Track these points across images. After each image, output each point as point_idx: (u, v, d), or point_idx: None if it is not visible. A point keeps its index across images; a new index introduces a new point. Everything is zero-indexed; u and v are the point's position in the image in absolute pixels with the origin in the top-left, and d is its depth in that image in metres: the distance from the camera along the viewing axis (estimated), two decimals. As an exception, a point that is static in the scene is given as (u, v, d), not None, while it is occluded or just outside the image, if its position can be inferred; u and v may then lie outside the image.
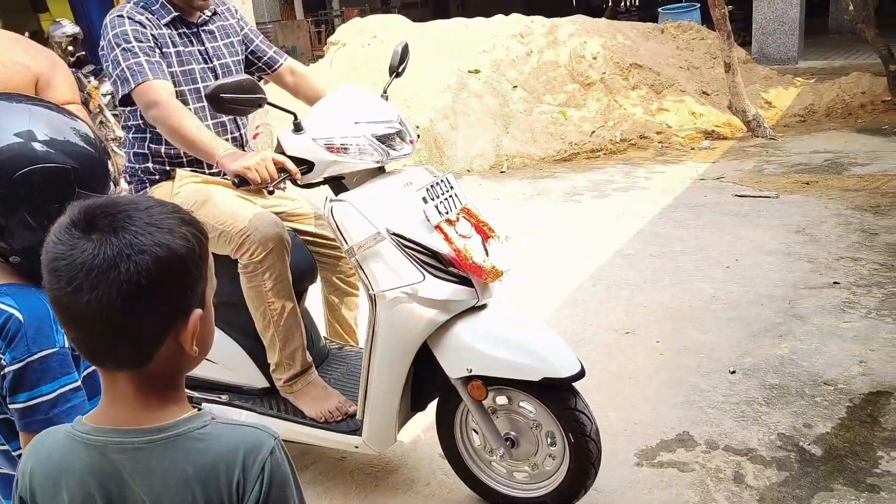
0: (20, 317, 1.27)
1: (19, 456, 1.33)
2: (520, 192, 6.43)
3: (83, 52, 8.23)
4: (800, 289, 4.00)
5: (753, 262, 4.40)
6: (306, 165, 2.20)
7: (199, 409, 1.05)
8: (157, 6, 2.49)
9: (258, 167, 2.10)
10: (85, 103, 8.49)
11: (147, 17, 2.45)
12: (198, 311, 1.00)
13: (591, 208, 5.81)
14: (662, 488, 2.54)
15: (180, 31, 2.53)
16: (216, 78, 2.56)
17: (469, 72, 8.35)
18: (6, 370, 1.26)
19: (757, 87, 8.85)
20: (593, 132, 7.64)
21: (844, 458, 2.62)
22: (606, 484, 2.56)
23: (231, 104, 2.01)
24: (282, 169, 2.15)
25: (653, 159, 7.16)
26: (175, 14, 2.50)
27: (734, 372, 3.23)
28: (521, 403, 2.31)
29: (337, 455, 2.84)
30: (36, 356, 1.27)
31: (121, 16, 2.41)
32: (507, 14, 9.60)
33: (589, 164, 7.19)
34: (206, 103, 2.46)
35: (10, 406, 1.28)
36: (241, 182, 2.12)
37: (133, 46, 2.36)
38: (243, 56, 2.73)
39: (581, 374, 2.18)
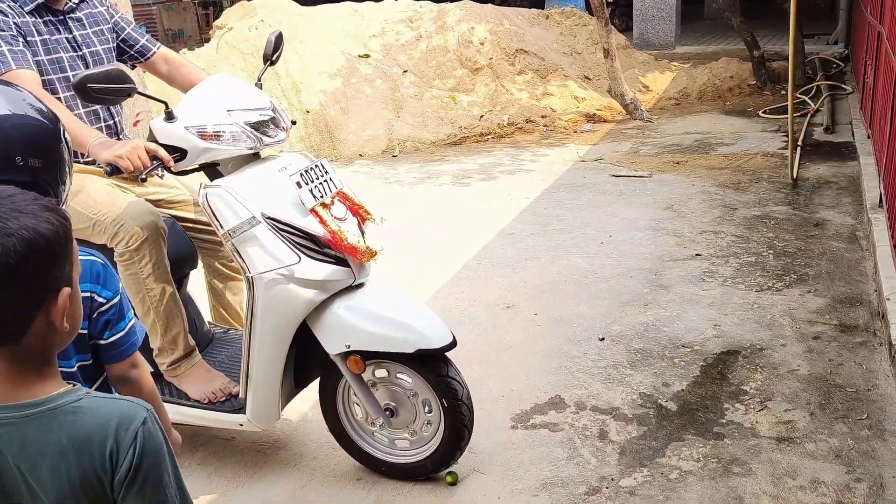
0: (98, 259, 1.47)
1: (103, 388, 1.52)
2: (411, 176, 6.56)
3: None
4: (665, 261, 4.31)
5: (626, 238, 4.70)
6: (179, 153, 2.25)
7: (74, 385, 1.11)
8: (21, -7, 2.45)
9: (130, 155, 2.13)
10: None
11: (9, 5, 2.41)
12: (66, 290, 1.07)
13: (478, 191, 6.01)
14: (534, 447, 2.75)
15: (45, 18, 2.50)
16: (86, 66, 2.55)
17: (359, 56, 8.39)
18: (108, 304, 1.47)
19: (636, 71, 9.29)
20: (482, 116, 7.85)
21: (696, 412, 2.90)
22: (483, 447, 2.74)
23: (99, 94, 2.03)
24: (154, 157, 2.19)
25: (538, 142, 7.44)
26: (40, 1, 2.47)
27: (603, 339, 3.48)
28: (398, 375, 2.46)
29: (227, 436, 2.90)
30: (120, 289, 1.51)
31: None
32: (397, -1, 9.68)
33: (478, 148, 7.40)
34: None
35: (109, 339, 1.49)
36: (114, 170, 2.15)
37: (-6, 35, 2.32)
38: (114, 44, 2.71)
39: (453, 345, 2.33)
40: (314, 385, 2.67)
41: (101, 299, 1.47)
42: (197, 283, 2.99)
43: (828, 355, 3.21)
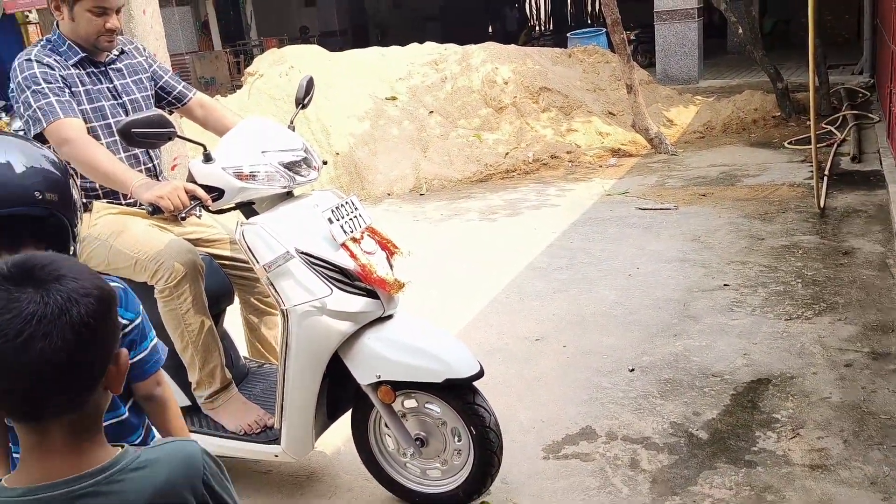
0: (119, 284, 1.55)
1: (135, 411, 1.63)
2: (438, 213, 6.66)
3: (-8, 90, 8.10)
4: (694, 292, 4.32)
5: (653, 270, 4.72)
6: (217, 192, 2.35)
7: (122, 445, 1.10)
8: (65, 48, 2.60)
9: (170, 195, 2.24)
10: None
11: (55, 59, 2.56)
12: (124, 351, 1.07)
13: (505, 226, 6.08)
14: (566, 477, 2.76)
15: (88, 70, 2.64)
16: (126, 113, 2.68)
17: (386, 99, 8.58)
18: (132, 325, 1.58)
19: (659, 106, 9.36)
20: (507, 154, 7.96)
21: (727, 440, 2.90)
22: (515, 477, 2.76)
23: (142, 138, 2.15)
24: (193, 196, 2.30)
25: (563, 178, 7.51)
26: (82, 55, 2.62)
27: (633, 370, 3.49)
28: (427, 405, 2.50)
29: (263, 469, 2.96)
30: (141, 311, 1.61)
31: (29, 59, 2.52)
32: (422, 43, 9.91)
33: (504, 184, 7.49)
34: (117, 137, 2.60)
35: (133, 358, 1.57)
36: (155, 210, 2.25)
37: (43, 88, 2.47)
38: (153, 91, 2.85)
39: (480, 374, 2.38)
40: (346, 418, 2.73)
41: (124, 321, 1.56)
42: (233, 318, 3.08)
43: (860, 383, 3.18)
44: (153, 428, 1.71)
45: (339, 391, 2.59)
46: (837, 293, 4.08)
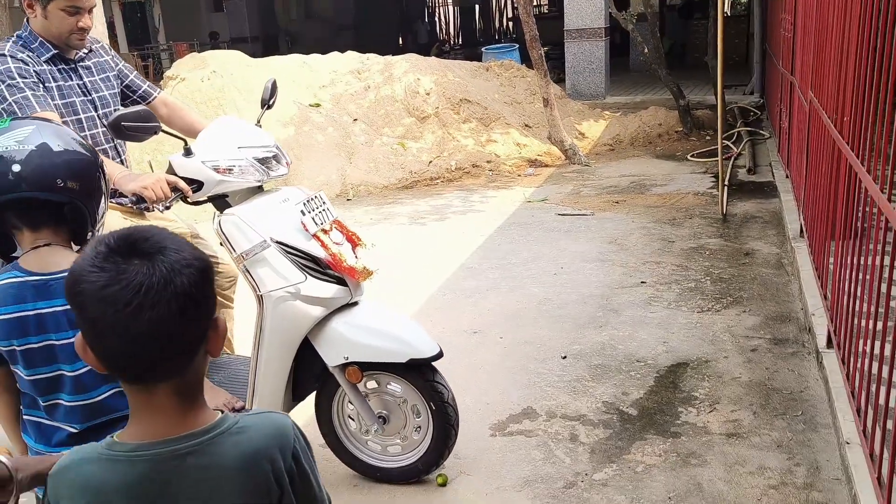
0: None
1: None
2: (368, 217, 6.84)
3: None
4: (614, 289, 4.68)
5: (576, 269, 5.06)
6: (196, 185, 2.49)
7: (222, 412, 1.17)
8: (37, 45, 2.67)
9: (154, 186, 2.36)
10: None
11: (28, 55, 2.63)
12: (222, 317, 1.13)
13: (434, 230, 6.33)
14: (513, 451, 3.01)
15: (59, 66, 2.72)
16: (96, 110, 2.77)
17: (310, 105, 8.69)
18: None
19: (571, 119, 9.86)
20: (431, 162, 8.22)
21: (654, 415, 3.23)
22: (467, 453, 2.99)
23: (132, 132, 2.27)
24: (174, 188, 2.43)
25: (485, 185, 7.83)
26: (54, 52, 2.70)
27: (565, 357, 3.79)
28: (389, 385, 2.71)
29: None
30: None
31: (3, 55, 2.58)
32: (341, 52, 10.07)
33: (429, 191, 7.74)
34: (87, 132, 2.70)
35: None
36: (139, 200, 2.37)
37: (18, 82, 2.54)
38: (119, 89, 2.94)
39: (440, 355, 2.60)
40: (300, 408, 2.89)
41: None
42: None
43: (765, 364, 3.59)
44: None
45: (304, 373, 2.75)
46: (741, 289, 4.52)
